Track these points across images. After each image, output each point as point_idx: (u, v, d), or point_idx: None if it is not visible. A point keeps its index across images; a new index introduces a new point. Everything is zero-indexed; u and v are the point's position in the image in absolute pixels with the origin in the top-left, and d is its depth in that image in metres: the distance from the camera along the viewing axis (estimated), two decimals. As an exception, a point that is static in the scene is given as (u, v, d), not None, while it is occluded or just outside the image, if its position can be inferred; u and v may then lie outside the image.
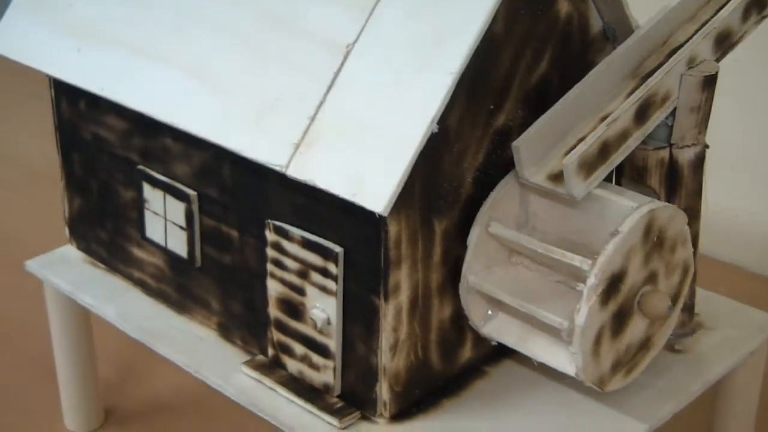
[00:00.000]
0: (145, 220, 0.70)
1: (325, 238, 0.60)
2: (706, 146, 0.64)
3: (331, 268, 0.60)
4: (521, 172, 0.59)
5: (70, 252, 0.78)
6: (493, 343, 0.64)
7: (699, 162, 0.64)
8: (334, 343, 0.62)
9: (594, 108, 0.61)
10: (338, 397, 0.63)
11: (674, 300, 0.62)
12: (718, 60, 0.64)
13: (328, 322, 0.61)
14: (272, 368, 0.66)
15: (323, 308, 0.61)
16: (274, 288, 0.64)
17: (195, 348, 0.69)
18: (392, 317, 0.59)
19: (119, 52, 0.66)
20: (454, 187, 0.60)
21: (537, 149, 0.59)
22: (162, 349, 0.69)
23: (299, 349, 0.64)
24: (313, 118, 0.57)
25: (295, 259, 0.62)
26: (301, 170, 0.57)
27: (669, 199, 0.65)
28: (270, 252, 0.63)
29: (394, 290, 0.59)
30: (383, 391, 0.61)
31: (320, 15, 0.59)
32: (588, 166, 0.58)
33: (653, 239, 0.59)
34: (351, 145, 0.56)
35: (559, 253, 0.58)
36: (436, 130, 0.55)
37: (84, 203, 0.76)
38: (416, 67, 0.56)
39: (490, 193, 0.61)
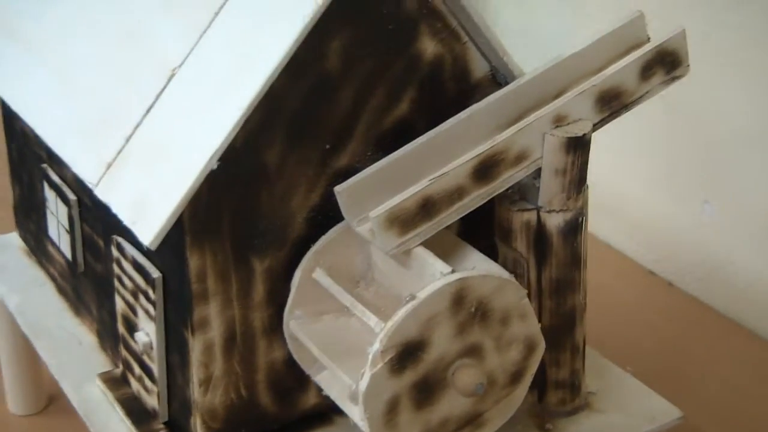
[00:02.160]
0: (47, 219, 0.72)
1: (151, 261, 0.59)
2: (581, 214, 0.59)
3: (150, 293, 0.59)
4: (347, 219, 0.56)
5: (15, 239, 0.81)
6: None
7: (570, 230, 0.59)
8: (157, 369, 0.61)
9: (451, 158, 0.57)
10: (165, 424, 0.62)
11: (516, 377, 0.58)
12: (606, 120, 0.59)
13: (151, 347, 0.61)
14: (120, 384, 0.66)
15: (147, 332, 0.61)
16: (119, 304, 0.64)
17: (69, 352, 0.69)
18: (200, 352, 0.58)
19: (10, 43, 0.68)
20: (277, 226, 0.58)
21: (366, 197, 0.56)
22: (39, 347, 0.70)
23: (137, 369, 0.63)
24: (128, 139, 0.57)
25: (130, 278, 0.61)
26: (105, 191, 0.57)
27: (539, 266, 0.60)
28: (114, 267, 0.63)
29: (201, 325, 0.58)
30: (197, 426, 0.60)
31: (161, 34, 0.59)
32: (403, 222, 0.55)
33: (469, 310, 0.55)
34: (147, 173, 0.55)
35: (360, 311, 0.55)
36: (214, 167, 0.53)
37: (21, 192, 0.78)
38: (219, 98, 0.54)
39: (321, 237, 0.58)
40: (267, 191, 0.57)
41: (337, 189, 0.56)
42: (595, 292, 1.00)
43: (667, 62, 0.59)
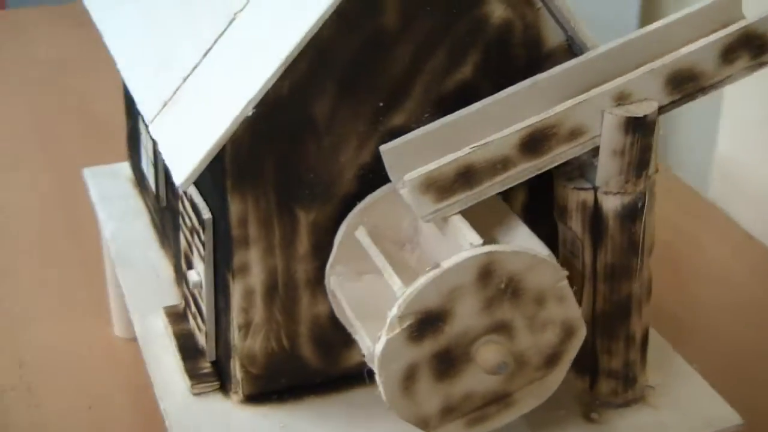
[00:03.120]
0: (141, 152, 0.74)
1: (206, 201, 0.60)
2: (642, 199, 0.56)
3: (201, 233, 0.60)
4: (392, 180, 0.56)
5: (126, 169, 0.83)
6: (370, 353, 0.61)
7: (629, 214, 0.56)
8: (205, 309, 0.62)
9: (505, 127, 0.55)
10: (212, 363, 0.64)
11: (552, 360, 0.56)
12: (678, 103, 0.56)
13: (201, 287, 0.62)
14: (181, 320, 0.67)
15: (198, 272, 0.62)
16: (181, 241, 0.65)
17: (146, 283, 0.72)
18: (241, 297, 0.59)
19: None
20: (325, 180, 0.57)
21: (412, 159, 0.55)
22: (120, 275, 0.73)
23: (193, 307, 0.65)
24: (185, 79, 0.58)
25: (189, 216, 0.62)
26: (157, 128, 0.58)
27: (594, 249, 0.58)
28: (179, 204, 0.64)
29: (241, 270, 0.58)
30: (236, 370, 0.61)
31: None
32: (439, 189, 0.54)
33: (498, 286, 0.53)
34: (193, 115, 0.56)
35: (389, 274, 0.55)
36: (249, 114, 0.53)
37: (129, 125, 0.81)
38: (266, 45, 0.54)
39: (368, 196, 0.58)
40: (315, 144, 0.56)
41: (383, 148, 0.55)
42: (709, 266, 0.96)
43: (754, 46, 0.56)
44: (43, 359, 0.85)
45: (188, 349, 0.65)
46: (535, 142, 0.54)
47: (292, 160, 0.57)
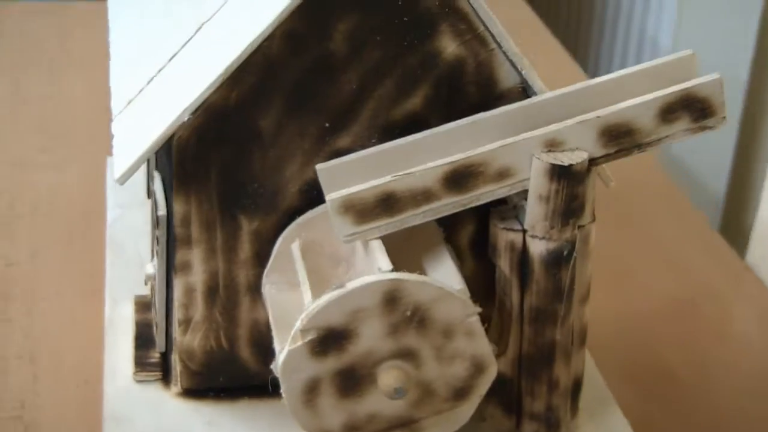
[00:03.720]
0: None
1: (165, 200, 0.63)
2: (569, 248, 0.57)
3: (156, 229, 0.63)
4: (326, 198, 0.58)
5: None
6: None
7: (554, 260, 0.57)
8: (157, 302, 0.65)
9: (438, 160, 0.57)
10: (161, 354, 0.67)
11: (461, 393, 0.58)
12: (614, 156, 0.57)
13: (155, 280, 0.65)
14: (147, 310, 0.70)
15: (154, 265, 0.65)
16: (151, 234, 0.68)
17: (128, 271, 0.75)
18: (182, 294, 0.62)
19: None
20: (269, 192, 0.60)
21: (346, 180, 0.57)
22: (108, 262, 0.76)
23: (154, 298, 0.68)
24: (149, 81, 0.61)
25: (152, 211, 0.66)
26: (117, 124, 0.61)
27: (521, 290, 0.59)
28: (151, 200, 0.68)
29: (183, 268, 0.61)
30: (176, 363, 0.64)
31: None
32: (358, 212, 0.56)
33: (404, 313, 0.55)
34: (146, 114, 0.59)
35: (305, 288, 0.57)
36: (185, 120, 0.56)
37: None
38: (218, 56, 0.57)
39: (308, 211, 0.60)
40: (260, 155, 0.59)
41: (319, 167, 0.58)
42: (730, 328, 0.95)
43: (695, 108, 0.56)
44: (49, 333, 0.90)
45: (143, 339, 0.68)
46: (459, 178, 0.56)
47: (237, 169, 0.59)
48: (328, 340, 0.55)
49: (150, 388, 0.65)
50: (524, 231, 0.58)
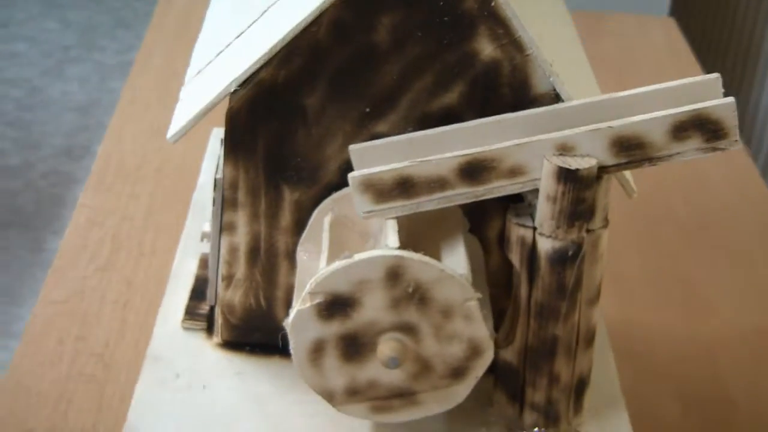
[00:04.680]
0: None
1: (224, 161, 0.70)
2: (575, 249, 0.61)
3: (213, 189, 0.70)
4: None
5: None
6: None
7: (558, 259, 0.61)
8: (210, 258, 0.71)
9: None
10: (210, 308, 0.73)
11: (458, 373, 0.62)
12: (625, 166, 0.60)
13: (209, 237, 0.71)
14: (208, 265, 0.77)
15: (209, 222, 0.71)
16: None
17: (205, 230, 0.82)
18: (226, 252, 0.68)
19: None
20: (310, 166, 0.65)
21: (375, 161, 0.62)
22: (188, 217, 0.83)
23: (211, 255, 0.74)
24: (217, 54, 0.68)
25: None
26: (185, 91, 0.68)
27: (529, 284, 0.63)
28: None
29: (229, 227, 0.67)
30: (218, 315, 0.70)
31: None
32: (378, 192, 0.61)
33: (406, 289, 0.59)
34: (207, 84, 0.65)
35: (324, 256, 0.62)
36: (231, 90, 0.62)
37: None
38: (268, 36, 0.63)
39: (345, 188, 0.65)
40: (304, 132, 0.65)
41: (352, 147, 0.63)
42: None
43: (707, 129, 0.59)
44: (146, 284, 0.98)
45: (198, 292, 0.75)
46: (473, 171, 0.60)
47: (282, 142, 0.65)
48: (334, 305, 0.60)
49: (194, 336, 0.72)
50: (534, 228, 0.61)
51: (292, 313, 0.61)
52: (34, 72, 2.85)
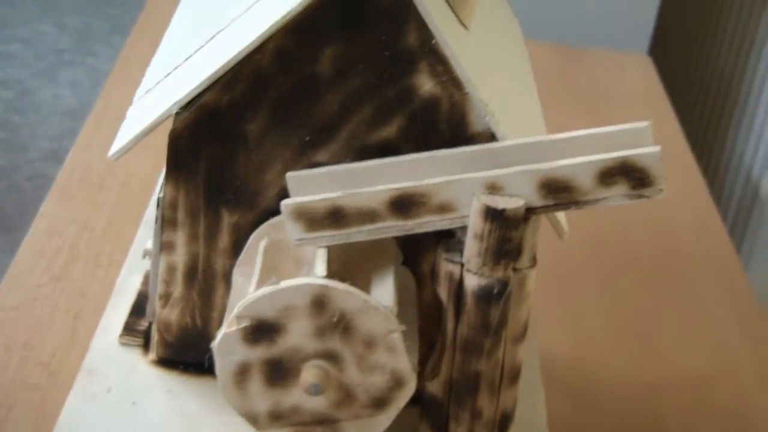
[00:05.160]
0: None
1: (165, 181, 0.70)
2: (501, 287, 0.62)
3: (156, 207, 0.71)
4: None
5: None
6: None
7: (484, 296, 0.62)
8: (150, 274, 0.72)
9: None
10: (149, 324, 0.74)
11: (380, 403, 0.63)
12: (553, 208, 0.61)
13: (151, 254, 0.72)
14: (153, 281, 0.78)
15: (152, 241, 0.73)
16: (162, 215, 0.76)
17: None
18: (164, 270, 0.69)
19: None
20: (249, 191, 0.67)
21: (311, 190, 0.63)
22: (137, 234, 0.84)
23: (154, 272, 0.76)
24: (166, 75, 0.69)
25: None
26: (131, 110, 0.69)
27: (455, 319, 0.64)
28: (166, 183, 0.75)
29: (168, 247, 0.68)
30: (155, 333, 0.71)
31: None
32: (310, 220, 0.62)
33: (330, 318, 0.60)
34: (152, 105, 0.66)
35: (253, 280, 0.63)
36: (173, 112, 0.63)
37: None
38: (212, 61, 0.64)
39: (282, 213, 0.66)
40: (244, 156, 0.66)
41: (289, 174, 0.64)
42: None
43: (633, 177, 0.60)
44: (99, 295, 0.99)
45: (139, 308, 0.76)
46: (404, 205, 0.61)
47: (223, 166, 0.66)
48: (260, 330, 0.61)
49: (130, 352, 0.73)
50: (462, 264, 0.62)
51: (219, 335, 0.62)
52: (27, 74, 2.87)
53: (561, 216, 0.66)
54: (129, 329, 0.74)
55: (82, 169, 1.15)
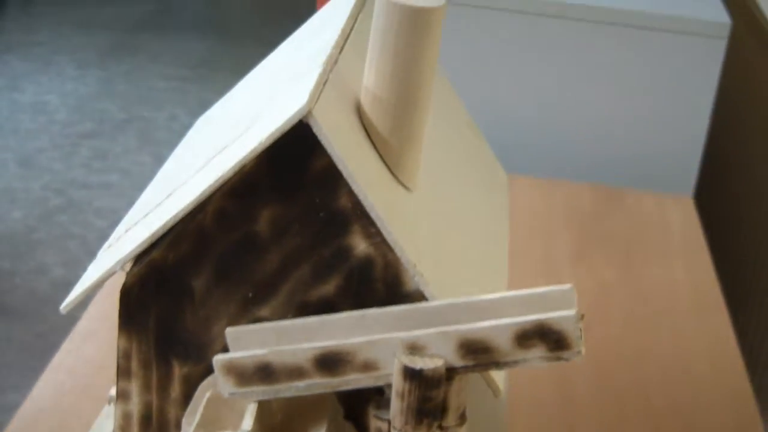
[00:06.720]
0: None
1: (119, 333, 0.73)
2: (427, 446, 0.62)
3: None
4: (231, 357, 0.66)
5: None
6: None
7: (409, 454, 0.63)
8: (114, 420, 0.75)
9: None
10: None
11: None
12: (474, 369, 0.62)
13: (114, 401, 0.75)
14: (127, 427, 0.80)
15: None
16: (135, 362, 0.78)
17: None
18: (120, 417, 0.71)
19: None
20: (198, 344, 0.69)
21: (248, 345, 0.65)
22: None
23: (125, 418, 0.78)
24: (136, 223, 0.72)
25: (131, 343, 0.76)
26: (102, 254, 0.72)
27: (385, 476, 0.64)
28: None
29: (123, 396, 0.71)
30: (115, 478, 0.73)
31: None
32: (240, 376, 0.64)
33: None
34: (108, 257, 0.69)
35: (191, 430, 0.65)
36: (116, 269, 0.66)
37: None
38: (159, 216, 0.67)
39: (226, 367, 0.68)
40: (191, 311, 0.68)
41: (228, 330, 0.66)
42: None
43: (550, 339, 0.60)
44: None
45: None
46: (329, 363, 0.63)
47: (172, 319, 0.69)
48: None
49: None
50: (389, 421, 0.63)
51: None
52: (123, 203, 2.97)
53: (496, 374, 0.67)
54: (95, 474, 0.76)
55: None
